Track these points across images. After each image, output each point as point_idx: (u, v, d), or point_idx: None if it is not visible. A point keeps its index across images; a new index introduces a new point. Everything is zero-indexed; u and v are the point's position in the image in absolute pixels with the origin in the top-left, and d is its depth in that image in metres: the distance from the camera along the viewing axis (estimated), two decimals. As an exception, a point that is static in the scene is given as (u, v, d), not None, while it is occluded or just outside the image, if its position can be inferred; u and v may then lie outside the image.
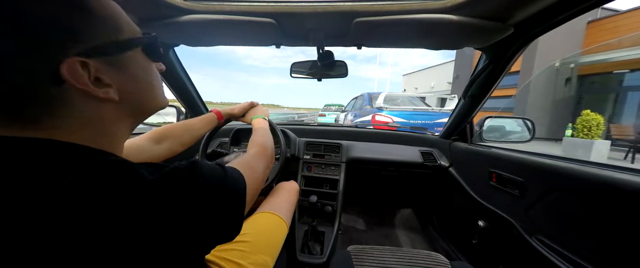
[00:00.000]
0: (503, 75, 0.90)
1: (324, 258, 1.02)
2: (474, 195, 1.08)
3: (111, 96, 0.29)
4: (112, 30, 0.29)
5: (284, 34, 0.78)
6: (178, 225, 0.26)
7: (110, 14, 0.29)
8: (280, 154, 0.96)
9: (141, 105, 0.34)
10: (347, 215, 1.71)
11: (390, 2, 0.63)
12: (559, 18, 0.63)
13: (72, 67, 0.25)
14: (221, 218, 0.31)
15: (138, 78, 0.33)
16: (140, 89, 0.34)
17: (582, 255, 0.62)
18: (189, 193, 0.27)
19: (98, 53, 0.27)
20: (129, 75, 0.31)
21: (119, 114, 0.31)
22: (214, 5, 0.67)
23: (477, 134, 1.21)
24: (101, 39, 0.28)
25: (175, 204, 0.26)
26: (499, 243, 0.97)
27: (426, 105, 4.55)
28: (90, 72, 0.27)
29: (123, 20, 0.31)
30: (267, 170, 0.54)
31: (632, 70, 6.94)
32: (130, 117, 0.33)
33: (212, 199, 0.30)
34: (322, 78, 1.08)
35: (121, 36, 0.30)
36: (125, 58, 0.31)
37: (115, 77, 0.29)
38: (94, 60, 0.27)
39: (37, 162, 0.23)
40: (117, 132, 0.32)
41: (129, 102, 0.32)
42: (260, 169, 0.48)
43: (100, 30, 0.28)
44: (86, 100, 0.27)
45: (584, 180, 0.61)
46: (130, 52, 0.31)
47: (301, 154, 1.33)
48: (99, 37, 0.28)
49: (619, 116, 7.28)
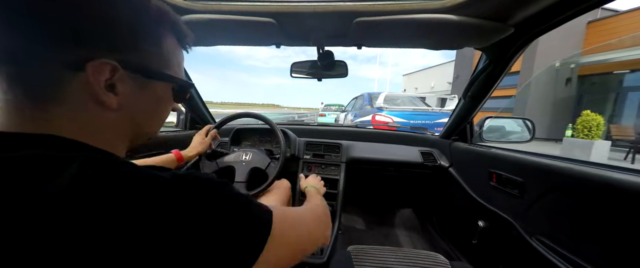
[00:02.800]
0: (503, 75, 0.90)
1: (324, 258, 1.02)
2: (474, 195, 1.08)
3: (112, 103, 0.28)
4: (160, 64, 0.31)
5: (284, 34, 0.78)
6: (187, 233, 0.24)
7: (172, 53, 0.32)
8: (280, 154, 0.97)
9: (139, 125, 0.34)
10: (347, 215, 1.71)
11: (390, 2, 0.63)
12: (559, 18, 0.63)
13: (101, 66, 0.26)
14: (236, 239, 0.27)
15: (150, 103, 0.33)
16: (146, 112, 0.33)
17: (582, 255, 0.62)
18: (206, 198, 0.26)
19: (133, 69, 0.28)
20: (144, 97, 0.32)
21: (116, 125, 0.30)
22: (214, 5, 0.67)
23: (477, 134, 1.21)
24: (149, 62, 0.30)
25: (191, 207, 0.25)
26: (498, 243, 0.97)
27: (426, 105, 4.56)
28: (112, 77, 0.27)
29: (175, 65, 0.33)
30: (315, 232, 0.42)
31: (632, 71, 6.94)
32: (125, 131, 0.32)
33: (233, 216, 0.27)
34: (322, 78, 1.08)
35: (165, 70, 0.32)
36: (152, 83, 0.32)
37: (130, 92, 0.29)
38: (126, 72, 0.28)
39: (42, 159, 0.23)
40: (113, 143, 0.31)
41: (128, 116, 0.31)
42: (307, 228, 0.39)
43: (151, 57, 0.30)
44: (87, 99, 0.27)
45: (584, 180, 0.61)
46: (161, 83, 0.33)
47: (301, 154, 1.33)
48: (146, 61, 0.30)
49: (619, 116, 7.28)
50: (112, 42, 0.26)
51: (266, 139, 1.37)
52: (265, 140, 1.37)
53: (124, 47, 0.27)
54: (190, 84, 0.36)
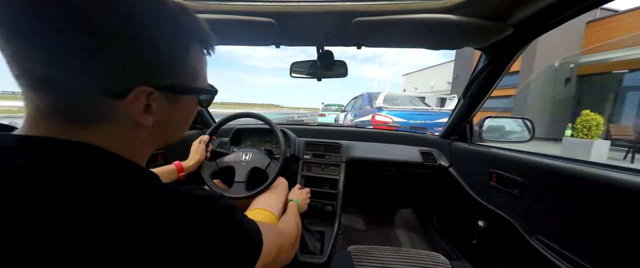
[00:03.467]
0: (503, 75, 0.90)
1: (324, 258, 1.02)
2: (474, 195, 1.08)
3: (148, 124, 0.30)
4: (189, 78, 0.32)
5: (284, 34, 0.78)
6: (186, 248, 0.26)
7: (196, 63, 0.32)
8: (280, 154, 0.96)
9: (168, 135, 0.36)
10: (347, 215, 1.71)
11: (390, 2, 0.63)
12: (558, 18, 0.63)
13: (139, 93, 0.27)
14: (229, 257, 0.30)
15: (180, 115, 0.35)
16: (176, 124, 0.36)
17: (582, 255, 0.62)
18: (203, 217, 0.28)
19: (167, 88, 0.30)
20: (175, 111, 0.33)
21: (148, 138, 0.32)
22: (214, 5, 0.67)
23: (477, 133, 1.21)
24: (177, 80, 0.30)
25: (187, 225, 0.27)
26: (498, 243, 0.97)
27: (426, 105, 4.55)
28: (149, 99, 0.28)
29: (201, 73, 0.34)
30: (282, 249, 0.48)
31: (631, 70, 6.95)
32: (155, 143, 0.35)
33: (226, 234, 0.30)
34: (322, 78, 1.08)
35: (193, 84, 0.33)
36: (182, 97, 0.33)
37: (162, 109, 0.30)
38: (159, 92, 0.29)
39: (72, 163, 0.24)
40: (141, 152, 0.33)
41: (161, 129, 0.33)
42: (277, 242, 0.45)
43: (182, 73, 0.31)
44: (126, 121, 0.28)
45: (584, 180, 0.61)
46: (190, 96, 0.34)
47: (301, 154, 1.33)
48: (178, 78, 0.30)
49: (618, 116, 7.29)
50: (152, 70, 0.28)
51: (266, 139, 1.37)
52: (265, 140, 1.37)
53: (159, 71, 0.28)
54: (215, 91, 0.38)
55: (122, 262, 0.22)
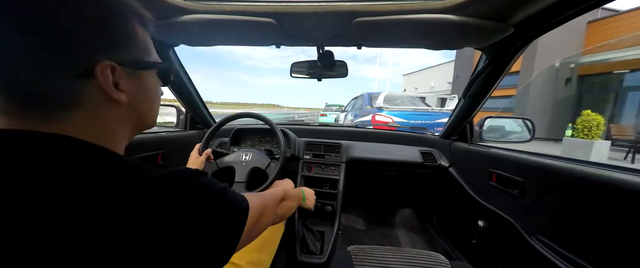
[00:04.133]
0: (503, 75, 0.90)
1: (324, 258, 1.02)
2: (474, 195, 1.08)
3: (123, 99, 0.32)
4: (143, 51, 0.35)
5: (284, 34, 0.78)
6: (170, 226, 0.26)
7: (145, 39, 0.35)
8: (280, 154, 0.97)
9: (142, 115, 0.38)
10: (347, 215, 1.71)
11: (390, 2, 0.63)
12: (559, 18, 0.63)
13: (104, 68, 0.28)
14: (215, 226, 0.31)
15: (147, 92, 0.37)
16: (145, 102, 0.37)
17: (582, 255, 0.62)
18: (185, 192, 0.29)
19: (127, 63, 0.32)
20: (141, 88, 0.35)
21: (124, 119, 0.34)
22: (214, 5, 0.67)
23: (477, 134, 1.21)
24: (134, 54, 0.33)
25: (171, 202, 0.27)
26: (498, 243, 0.97)
27: (426, 105, 4.56)
28: (114, 76, 0.30)
29: (151, 47, 0.37)
30: (278, 213, 0.54)
31: (632, 70, 6.94)
32: (131, 125, 0.36)
33: (210, 205, 0.31)
34: (322, 78, 1.08)
35: (147, 58, 0.36)
36: (143, 74, 0.36)
37: (129, 85, 0.33)
38: (121, 67, 0.30)
39: (48, 156, 0.25)
40: (118, 135, 0.34)
41: (134, 109, 0.35)
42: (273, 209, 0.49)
43: (136, 47, 0.33)
44: (101, 100, 0.30)
45: (584, 180, 0.61)
46: (148, 71, 0.37)
47: (301, 154, 1.33)
48: (133, 52, 0.33)
49: (619, 116, 7.28)
50: (107, 44, 0.29)
51: (266, 139, 1.37)
52: (265, 140, 1.37)
53: (113, 46, 0.30)
54: (168, 66, 0.41)
55: (103, 251, 0.22)
